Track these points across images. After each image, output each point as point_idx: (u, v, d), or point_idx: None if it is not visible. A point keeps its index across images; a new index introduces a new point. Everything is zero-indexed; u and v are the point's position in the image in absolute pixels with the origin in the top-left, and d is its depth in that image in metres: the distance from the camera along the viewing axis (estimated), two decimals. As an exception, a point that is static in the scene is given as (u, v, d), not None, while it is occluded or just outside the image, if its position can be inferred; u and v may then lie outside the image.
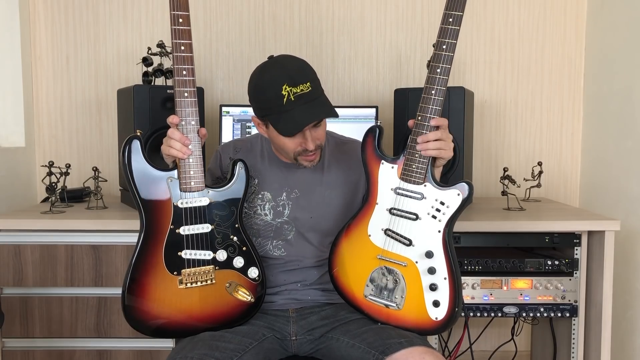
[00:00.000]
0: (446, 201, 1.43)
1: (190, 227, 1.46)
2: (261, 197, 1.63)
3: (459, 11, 1.40)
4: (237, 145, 1.72)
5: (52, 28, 2.44)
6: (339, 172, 1.66)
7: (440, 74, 1.41)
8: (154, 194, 1.44)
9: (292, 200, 1.62)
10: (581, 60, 2.49)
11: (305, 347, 1.56)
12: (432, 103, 1.41)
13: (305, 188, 1.63)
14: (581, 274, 1.92)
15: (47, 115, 2.47)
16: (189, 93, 1.43)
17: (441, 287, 1.44)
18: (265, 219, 1.63)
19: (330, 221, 1.62)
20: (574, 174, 2.53)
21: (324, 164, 1.65)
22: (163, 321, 1.47)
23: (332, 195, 1.64)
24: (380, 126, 1.51)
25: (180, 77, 1.43)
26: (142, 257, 1.44)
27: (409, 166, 1.44)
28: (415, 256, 1.45)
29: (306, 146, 1.51)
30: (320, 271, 1.63)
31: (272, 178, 1.64)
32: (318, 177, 1.64)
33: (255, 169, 1.64)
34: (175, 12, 1.41)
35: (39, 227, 1.84)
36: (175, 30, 1.41)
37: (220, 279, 1.49)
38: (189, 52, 1.43)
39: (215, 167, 1.71)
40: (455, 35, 1.40)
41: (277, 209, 1.62)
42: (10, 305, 1.84)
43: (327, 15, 2.47)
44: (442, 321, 1.45)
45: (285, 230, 1.62)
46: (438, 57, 1.41)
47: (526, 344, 2.51)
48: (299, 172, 1.63)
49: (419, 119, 1.43)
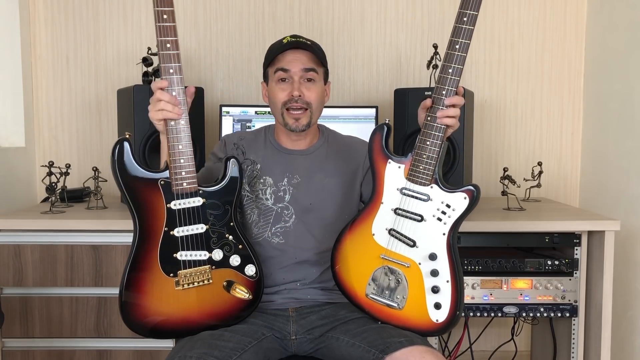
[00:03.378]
0: (452, 204, 1.42)
1: (184, 229, 1.44)
2: (263, 182, 1.65)
3: (474, 10, 1.37)
4: (241, 134, 1.76)
5: (52, 28, 2.44)
6: (338, 161, 1.69)
7: (452, 74, 1.39)
8: (145, 196, 1.42)
9: (292, 185, 1.65)
10: (581, 61, 2.48)
11: (305, 347, 1.56)
12: (443, 104, 1.40)
13: (306, 174, 1.66)
14: (581, 274, 1.92)
15: (47, 115, 2.47)
16: (177, 92, 1.39)
17: (443, 289, 1.43)
18: (266, 203, 1.64)
19: (328, 209, 1.65)
20: (574, 174, 2.53)
21: (325, 154, 1.70)
22: (161, 322, 1.47)
23: (331, 182, 1.67)
24: (388, 124, 1.50)
25: (168, 77, 1.38)
26: (137, 260, 1.43)
27: (416, 167, 1.43)
28: (419, 258, 1.45)
29: (292, 92, 1.57)
30: (319, 269, 1.64)
31: (274, 164, 1.67)
32: (318, 164, 1.68)
33: (258, 155, 1.68)
34: (159, 8, 1.36)
35: (39, 227, 1.84)
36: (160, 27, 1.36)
37: (217, 279, 1.48)
38: (175, 49, 1.38)
39: (218, 150, 1.73)
40: (469, 35, 1.37)
41: (278, 193, 1.64)
42: (10, 305, 1.84)
43: (327, 15, 2.47)
44: (442, 324, 1.44)
45: (285, 216, 1.64)
46: (450, 56, 1.38)
47: (526, 344, 2.51)
48: (301, 159, 1.67)
49: (428, 119, 1.42)
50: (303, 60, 1.59)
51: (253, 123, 2.28)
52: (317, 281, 1.64)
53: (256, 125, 2.27)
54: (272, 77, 1.63)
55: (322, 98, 1.65)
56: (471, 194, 1.41)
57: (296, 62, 1.59)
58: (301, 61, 1.59)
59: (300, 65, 1.59)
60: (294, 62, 1.59)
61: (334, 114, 2.28)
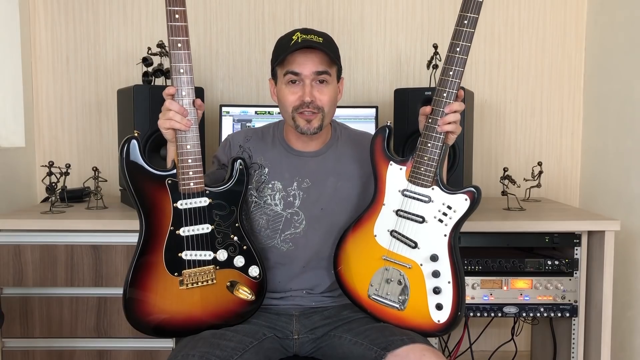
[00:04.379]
0: (453, 205, 1.42)
1: (190, 228, 1.45)
2: (271, 187, 1.59)
3: (475, 13, 1.37)
4: (248, 134, 1.68)
5: (52, 28, 2.44)
6: (352, 164, 1.62)
7: (453, 76, 1.39)
8: (152, 195, 1.43)
9: (303, 190, 1.59)
10: (581, 60, 2.49)
11: (307, 347, 1.56)
12: (444, 106, 1.40)
13: (317, 178, 1.59)
14: (581, 274, 1.92)
15: (47, 115, 2.47)
16: (187, 92, 1.40)
17: (445, 290, 1.43)
18: (275, 209, 1.59)
19: (341, 214, 1.59)
20: (574, 174, 2.53)
21: (337, 155, 1.62)
22: (164, 321, 1.47)
23: (344, 186, 1.60)
24: (390, 126, 1.50)
25: (178, 76, 1.38)
26: (142, 258, 1.44)
27: (418, 168, 1.43)
28: (420, 259, 1.45)
29: (303, 97, 1.49)
30: (326, 283, 1.61)
31: (283, 167, 1.60)
32: (330, 167, 1.61)
33: (266, 157, 1.62)
34: (171, 8, 1.37)
35: (39, 227, 1.84)
36: (172, 27, 1.37)
37: (221, 279, 1.49)
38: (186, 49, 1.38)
39: (222, 154, 1.67)
40: (470, 37, 1.37)
41: (287, 199, 1.59)
42: (10, 305, 1.84)
43: (327, 15, 2.47)
44: (444, 324, 1.45)
45: (295, 222, 1.59)
46: (451, 59, 1.38)
47: (526, 344, 2.51)
48: (311, 161, 1.61)
49: (429, 121, 1.42)
50: (315, 61, 1.49)
51: (253, 123, 2.28)
52: (327, 290, 1.62)
53: (256, 126, 2.27)
54: (281, 79, 1.54)
55: (335, 99, 1.56)
56: (472, 196, 1.41)
57: (307, 64, 1.49)
58: (313, 63, 1.49)
59: (312, 69, 1.49)
60: (305, 64, 1.49)
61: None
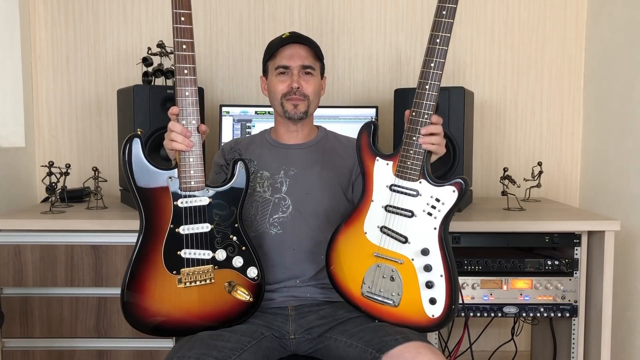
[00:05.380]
0: (441, 198, 1.42)
1: (189, 227, 1.46)
2: (260, 176, 1.69)
3: (453, 3, 1.39)
4: (237, 140, 1.83)
5: (52, 28, 2.44)
6: (335, 157, 1.73)
7: (434, 68, 1.39)
8: (153, 193, 1.44)
9: (289, 177, 1.68)
10: (581, 60, 2.48)
11: (304, 347, 1.56)
12: (426, 98, 1.40)
13: (303, 166, 1.70)
14: (581, 274, 1.92)
15: (47, 115, 2.47)
16: (190, 92, 1.44)
17: (437, 284, 1.43)
18: (264, 195, 1.68)
19: (325, 200, 1.67)
20: (574, 174, 2.53)
21: (322, 149, 1.74)
22: (162, 320, 1.47)
23: (330, 175, 1.70)
24: (375, 122, 1.51)
25: (182, 76, 1.43)
26: (142, 256, 1.44)
27: (404, 162, 1.44)
28: (411, 254, 1.45)
29: (291, 84, 1.64)
30: (316, 267, 1.64)
31: (271, 159, 1.72)
32: (315, 158, 1.72)
33: (255, 153, 1.73)
34: (177, 10, 1.41)
35: (39, 227, 1.84)
36: (177, 29, 1.41)
37: (219, 279, 1.49)
38: (190, 50, 1.44)
39: (219, 157, 1.79)
40: (449, 28, 1.38)
41: (275, 185, 1.68)
42: (10, 305, 1.84)
43: (327, 15, 2.47)
44: (438, 319, 1.44)
45: (283, 207, 1.66)
46: (432, 51, 1.40)
47: (526, 344, 2.51)
48: (298, 152, 1.72)
49: (413, 114, 1.42)
50: (302, 55, 1.67)
51: (253, 123, 2.29)
52: (314, 278, 1.64)
53: (256, 126, 2.28)
54: (272, 72, 1.69)
55: (319, 91, 1.72)
56: (459, 187, 1.41)
57: (295, 57, 1.66)
58: (300, 56, 1.66)
59: (299, 61, 1.66)
60: (293, 57, 1.66)
61: (334, 114, 2.28)
